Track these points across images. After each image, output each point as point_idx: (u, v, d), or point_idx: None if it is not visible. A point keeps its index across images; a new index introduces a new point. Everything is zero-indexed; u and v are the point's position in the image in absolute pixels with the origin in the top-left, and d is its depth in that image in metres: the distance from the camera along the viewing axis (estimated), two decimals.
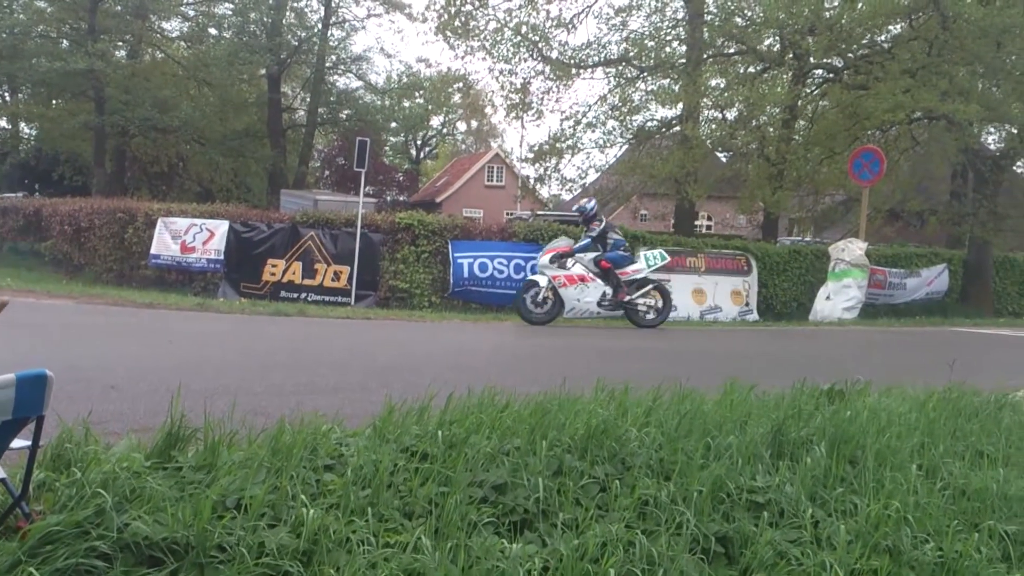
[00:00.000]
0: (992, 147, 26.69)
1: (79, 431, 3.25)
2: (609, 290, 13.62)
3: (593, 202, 14.66)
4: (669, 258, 14.91)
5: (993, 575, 3.15)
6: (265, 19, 34.99)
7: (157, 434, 3.32)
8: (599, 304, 13.64)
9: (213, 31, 36.05)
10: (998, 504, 3.73)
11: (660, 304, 14.02)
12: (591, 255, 13.73)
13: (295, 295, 17.29)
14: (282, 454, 3.21)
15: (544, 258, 13.86)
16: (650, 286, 13.94)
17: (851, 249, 19.20)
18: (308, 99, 40.91)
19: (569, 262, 13.64)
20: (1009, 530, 3.48)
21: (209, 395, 5.08)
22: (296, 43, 36.59)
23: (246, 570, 2.49)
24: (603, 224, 13.93)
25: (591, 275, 13.59)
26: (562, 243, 14.24)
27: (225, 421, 3.44)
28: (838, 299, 19.01)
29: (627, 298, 13.70)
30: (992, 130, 26.42)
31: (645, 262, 14.11)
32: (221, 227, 17.84)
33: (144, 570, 2.47)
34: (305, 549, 2.64)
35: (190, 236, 17.84)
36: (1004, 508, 3.72)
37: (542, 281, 13.60)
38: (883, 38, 23.73)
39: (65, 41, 31.90)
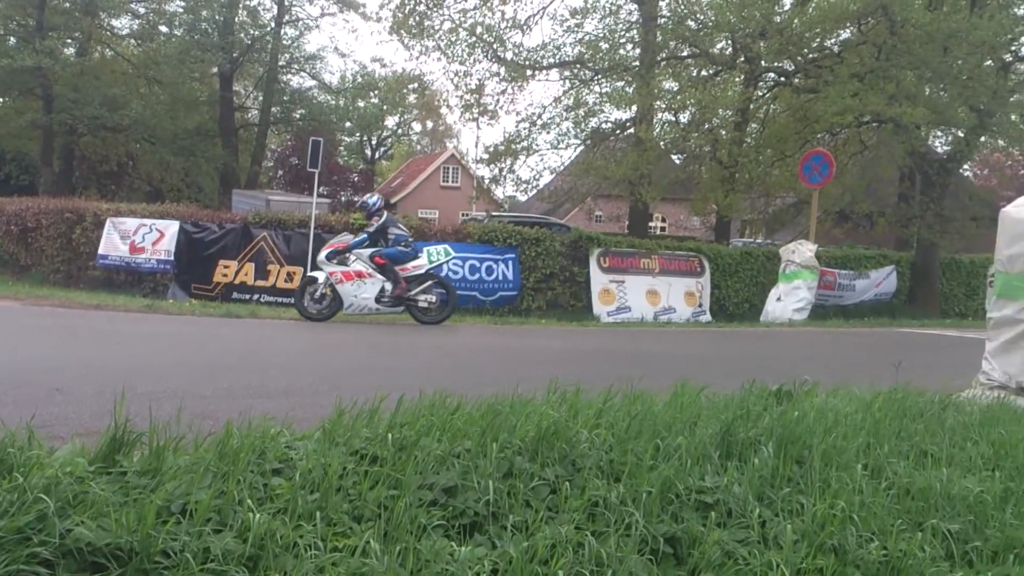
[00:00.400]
0: (939, 150, 27.18)
1: (22, 435, 3.19)
2: (389, 286, 13.44)
3: (376, 197, 14.52)
4: (454, 254, 14.66)
5: (936, 573, 3.20)
6: (217, 17, 34.66)
7: (102, 438, 3.27)
8: (378, 300, 13.44)
9: (164, 28, 35.65)
10: (941, 503, 3.79)
11: (441, 299, 13.80)
12: (369, 251, 13.53)
13: (247, 296, 17.13)
14: (229, 458, 3.18)
15: (322, 254, 13.63)
16: (430, 282, 13.74)
17: (801, 251, 19.43)
18: (261, 98, 40.59)
19: (350, 258, 13.47)
20: (952, 529, 3.54)
21: (156, 398, 5.02)
22: (249, 41, 36.29)
23: (191, 575, 2.46)
24: (383, 219, 13.70)
25: (369, 271, 13.40)
26: (342, 239, 13.97)
27: (172, 425, 3.40)
28: (789, 300, 19.24)
29: (406, 294, 13.50)
30: (939, 134, 26.90)
31: (427, 258, 14.02)
32: (171, 227, 17.62)
33: None
34: (251, 554, 2.61)
35: (139, 236, 17.59)
36: (947, 507, 3.78)
37: (320, 277, 13.43)
38: (833, 42, 24.07)
39: (12, 38, 31.35)
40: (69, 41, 33.58)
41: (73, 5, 31.72)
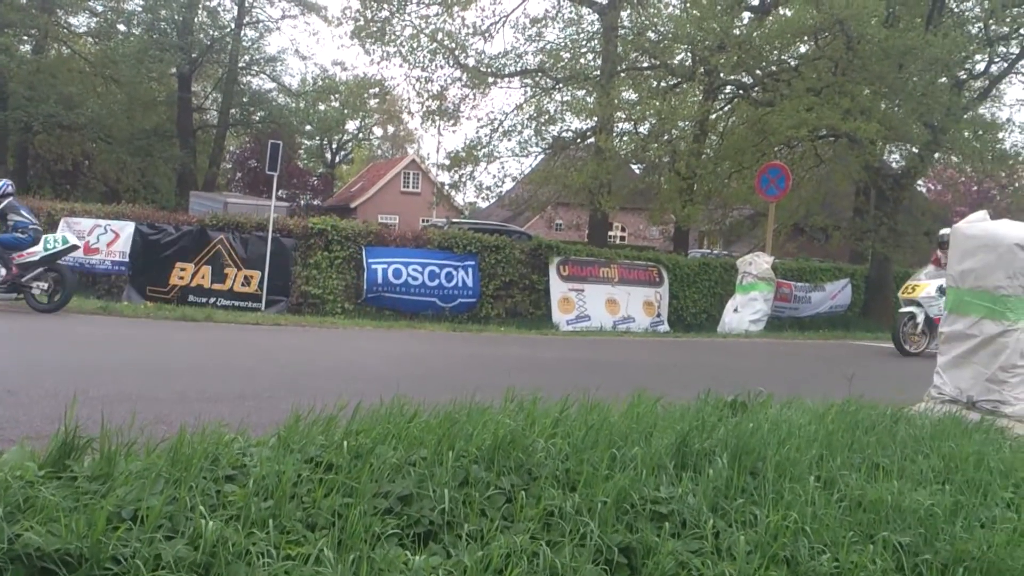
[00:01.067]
0: (894, 166, 27.59)
1: None
2: (3, 271, 13.18)
3: (3, 182, 14.15)
4: (76, 242, 14.43)
5: None
6: (176, 17, 34.36)
7: (52, 442, 3.22)
8: None
9: (122, 27, 35.27)
10: (893, 516, 3.84)
11: (56, 288, 13.46)
12: None
13: (204, 300, 16.93)
14: (182, 464, 3.14)
15: None
16: (41, 268, 13.33)
17: (758, 263, 19.61)
18: (220, 99, 40.25)
19: None
20: (903, 541, 3.58)
21: (109, 402, 4.95)
22: (208, 42, 36.02)
23: None
24: (4, 205, 13.53)
25: None
26: None
27: (124, 429, 3.36)
28: (745, 311, 19.39)
29: (18, 280, 13.19)
30: (894, 149, 27.31)
31: (44, 245, 13.49)
32: (127, 228, 17.38)
33: None
34: (203, 561, 2.58)
35: (94, 237, 17.32)
36: (898, 520, 3.82)
37: None
38: (790, 56, 24.37)
39: None
40: (25, 38, 33.16)
41: (30, 2, 31.31)
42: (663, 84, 24.90)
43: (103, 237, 17.36)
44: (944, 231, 16.44)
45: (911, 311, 15.02)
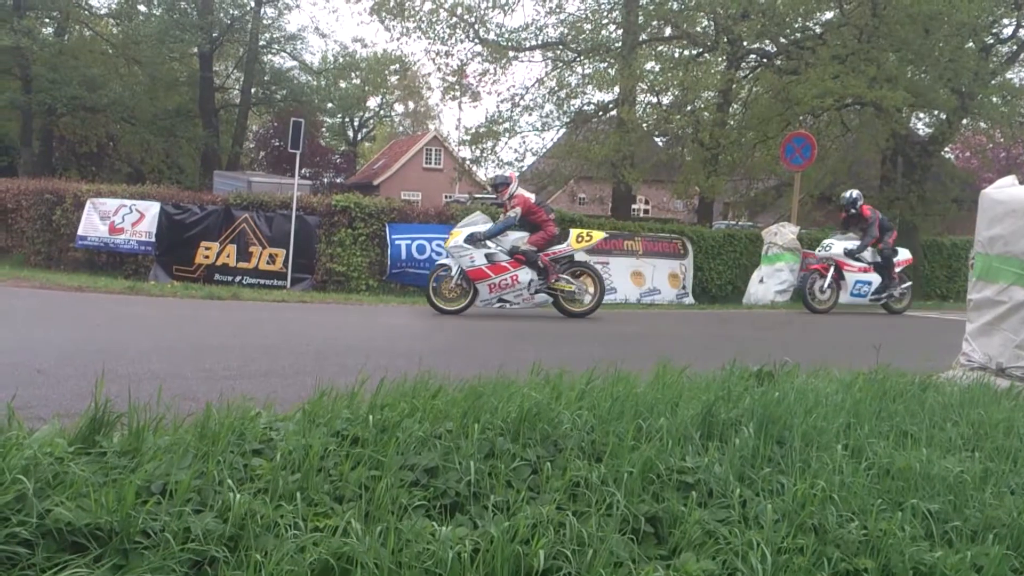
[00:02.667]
0: (921, 133, 27.27)
1: (2, 416, 3.17)
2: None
3: None
4: None
5: (916, 553, 3.21)
6: None
7: (82, 419, 3.25)
8: None
9: (143, 8, 35.34)
10: (921, 483, 3.81)
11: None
12: None
13: (229, 278, 17.04)
14: (209, 439, 3.17)
15: None
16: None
17: (783, 233, 19.49)
18: (241, 79, 40.30)
19: None
20: (932, 509, 3.55)
21: (137, 380, 5.00)
22: (228, 21, 36.00)
23: (171, 555, 2.45)
24: None
25: None
26: None
27: (152, 406, 3.39)
28: (771, 282, 19.29)
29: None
30: (921, 116, 27.00)
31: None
32: (152, 208, 17.49)
33: (67, 556, 2.42)
34: (232, 534, 2.60)
35: (119, 217, 17.46)
36: (927, 487, 3.79)
37: None
38: (814, 23, 24.08)
39: None
40: (47, 21, 33.29)
41: None
42: (685, 54, 24.67)
43: (128, 217, 17.50)
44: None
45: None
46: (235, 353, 7.73)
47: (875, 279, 16.46)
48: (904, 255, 17.24)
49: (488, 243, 12.57)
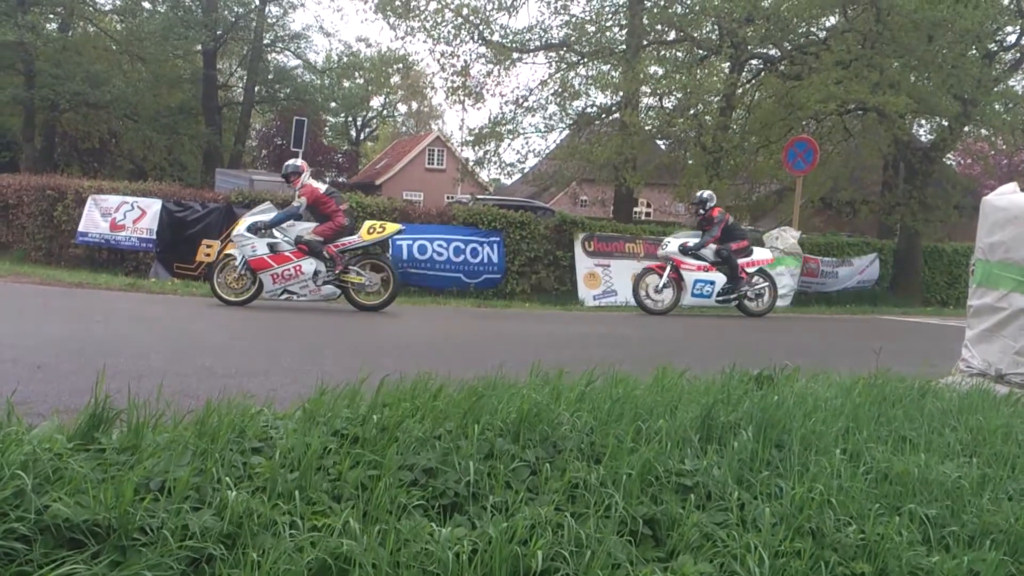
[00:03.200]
0: (923, 139, 27.27)
1: (1, 411, 3.17)
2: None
3: None
4: None
5: (913, 557, 3.22)
6: None
7: (81, 415, 3.26)
8: None
9: (147, 5, 35.37)
10: (919, 488, 3.81)
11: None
12: None
13: None
14: (208, 436, 3.17)
15: None
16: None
17: (784, 237, 19.48)
18: (245, 77, 40.31)
19: None
20: (929, 514, 3.56)
21: (136, 377, 5.00)
22: (233, 19, 35.99)
23: (169, 552, 2.45)
24: None
25: None
26: None
27: (151, 403, 3.39)
28: None
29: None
30: (923, 122, 27.00)
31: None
32: (153, 206, 17.50)
33: (65, 552, 2.42)
34: (230, 532, 2.61)
35: (120, 214, 17.46)
36: (925, 492, 3.80)
37: None
38: (818, 29, 24.09)
39: None
40: (51, 16, 33.30)
41: None
42: (689, 57, 24.68)
43: (130, 214, 17.51)
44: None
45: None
46: (235, 351, 7.74)
47: (719, 278, 15.54)
48: (761, 254, 16.43)
49: (275, 232, 12.32)
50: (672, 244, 15.65)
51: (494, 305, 15.44)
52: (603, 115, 26.05)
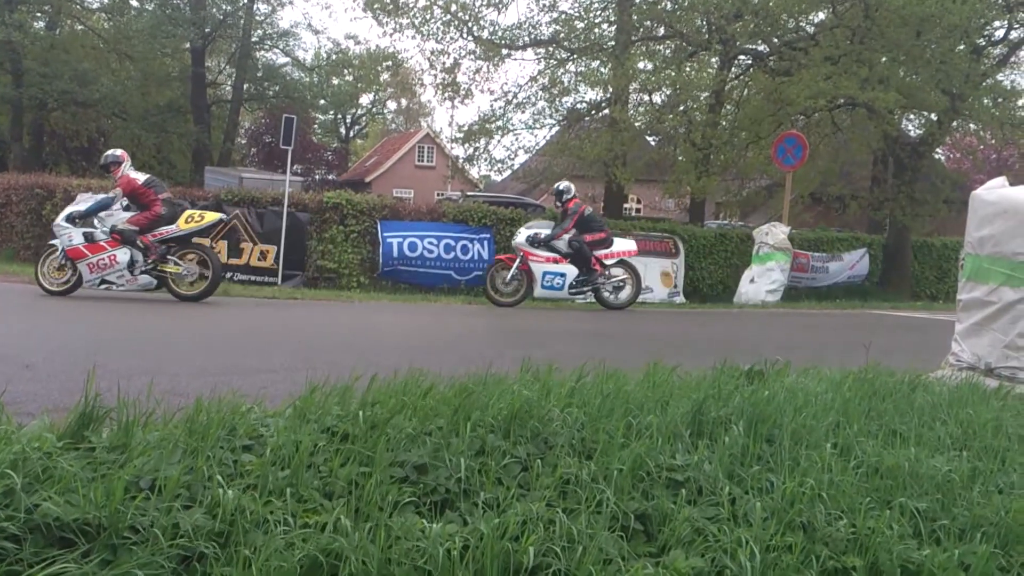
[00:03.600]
0: (912, 134, 27.33)
1: None
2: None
3: None
4: None
5: (904, 551, 3.22)
6: None
7: (71, 414, 3.24)
8: None
9: (135, 3, 35.21)
10: (910, 482, 3.82)
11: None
12: None
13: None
14: (199, 434, 3.16)
15: None
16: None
17: (775, 233, 19.54)
18: (233, 74, 40.19)
19: None
20: (920, 507, 3.56)
21: (126, 375, 4.98)
22: (221, 17, 35.86)
23: (160, 551, 2.44)
24: None
25: None
26: None
27: (141, 401, 3.38)
28: (762, 282, 19.35)
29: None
30: (912, 117, 27.06)
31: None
32: None
33: (55, 551, 2.41)
34: (221, 530, 2.60)
35: None
36: (915, 486, 3.80)
37: None
38: (807, 24, 24.12)
39: None
40: (39, 14, 33.13)
41: None
42: (679, 53, 24.68)
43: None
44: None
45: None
46: (225, 349, 7.72)
47: (571, 270, 15.00)
48: (623, 246, 15.70)
49: (93, 222, 12.28)
50: (521, 235, 15.27)
51: (484, 302, 15.41)
52: (592, 111, 26.03)
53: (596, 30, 24.93)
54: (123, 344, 7.59)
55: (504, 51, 25.33)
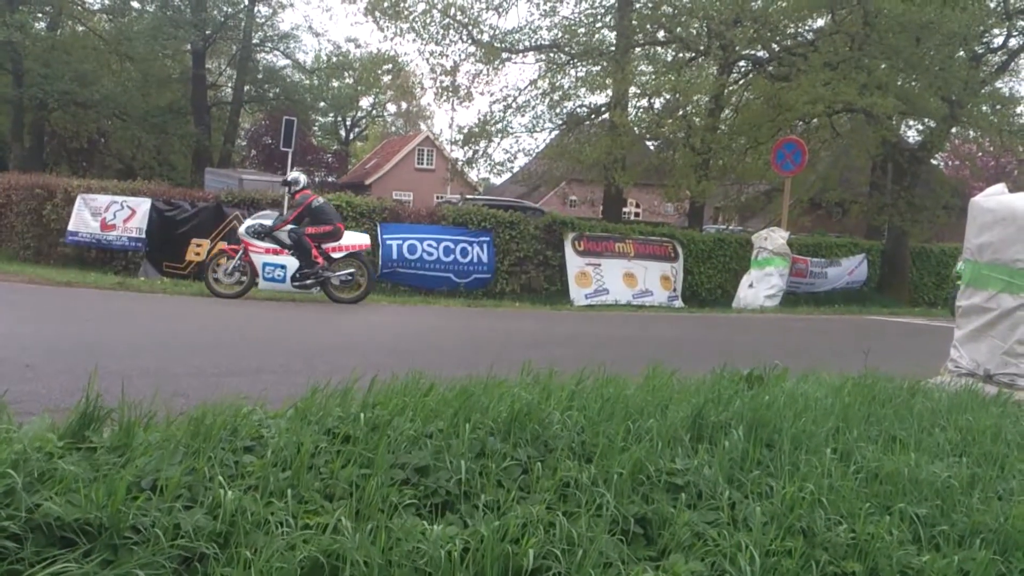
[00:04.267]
0: (911, 140, 27.35)
1: None
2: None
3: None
4: None
5: (904, 557, 3.23)
6: None
7: (72, 414, 3.24)
8: None
9: (136, 4, 35.26)
10: (909, 487, 3.82)
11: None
12: None
13: None
14: (200, 435, 3.17)
15: None
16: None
17: (773, 238, 19.55)
18: (234, 76, 40.22)
19: None
20: (919, 513, 3.57)
21: (127, 376, 4.98)
22: (222, 19, 35.90)
23: (161, 551, 2.44)
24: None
25: None
26: None
27: (143, 402, 3.38)
28: (760, 287, 19.35)
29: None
30: (911, 123, 27.09)
31: None
32: (143, 205, 17.45)
33: (56, 551, 2.42)
34: (222, 531, 2.60)
35: (110, 214, 17.40)
36: (915, 491, 3.81)
37: None
38: (806, 30, 24.15)
39: None
40: (40, 15, 33.17)
41: None
42: (678, 58, 24.71)
43: (120, 214, 17.45)
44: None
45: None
46: (226, 350, 7.72)
47: (292, 262, 14.42)
48: (353, 239, 15.22)
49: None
50: (244, 225, 14.81)
51: (484, 305, 15.43)
52: (592, 115, 26.05)
53: (596, 35, 24.96)
54: (125, 344, 7.58)
55: (504, 55, 25.35)
